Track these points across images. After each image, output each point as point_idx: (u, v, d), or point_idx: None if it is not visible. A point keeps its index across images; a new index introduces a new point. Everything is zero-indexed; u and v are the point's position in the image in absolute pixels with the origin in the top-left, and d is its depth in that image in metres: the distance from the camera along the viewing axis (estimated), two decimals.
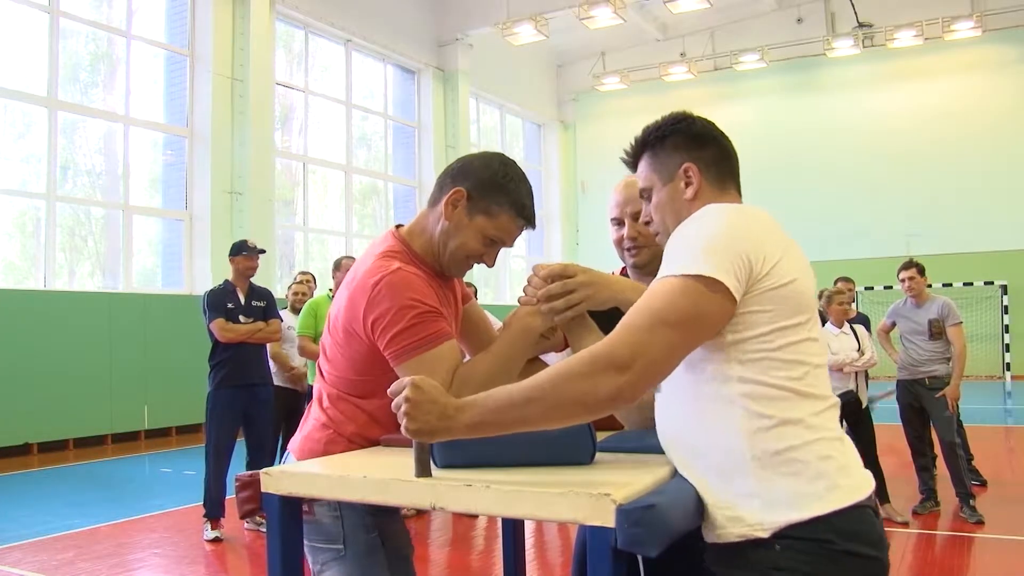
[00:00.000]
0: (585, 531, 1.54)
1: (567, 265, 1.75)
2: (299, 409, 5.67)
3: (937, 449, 5.60)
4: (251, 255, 5.47)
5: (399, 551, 1.83)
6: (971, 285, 16.16)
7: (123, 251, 10.83)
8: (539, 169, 20.06)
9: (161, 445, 9.74)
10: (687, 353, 1.37)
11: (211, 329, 5.31)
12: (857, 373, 5.51)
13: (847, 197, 17.15)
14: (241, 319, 5.37)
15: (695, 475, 1.41)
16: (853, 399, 5.36)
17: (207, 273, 10.99)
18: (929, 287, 5.84)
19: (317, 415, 1.87)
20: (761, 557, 1.34)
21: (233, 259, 5.50)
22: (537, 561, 4.75)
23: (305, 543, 1.77)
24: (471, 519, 5.60)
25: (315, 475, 1.55)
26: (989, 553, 4.80)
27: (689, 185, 1.55)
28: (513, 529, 2.15)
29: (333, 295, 5.65)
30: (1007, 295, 16.26)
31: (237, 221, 11.47)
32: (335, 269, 5.87)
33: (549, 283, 1.74)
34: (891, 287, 14.73)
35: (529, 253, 18.95)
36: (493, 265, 1.93)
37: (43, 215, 9.94)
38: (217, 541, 5.13)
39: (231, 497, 2.52)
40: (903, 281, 5.68)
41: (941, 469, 5.64)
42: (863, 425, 5.39)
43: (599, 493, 1.22)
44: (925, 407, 5.55)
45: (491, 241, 1.86)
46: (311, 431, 1.86)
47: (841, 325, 5.65)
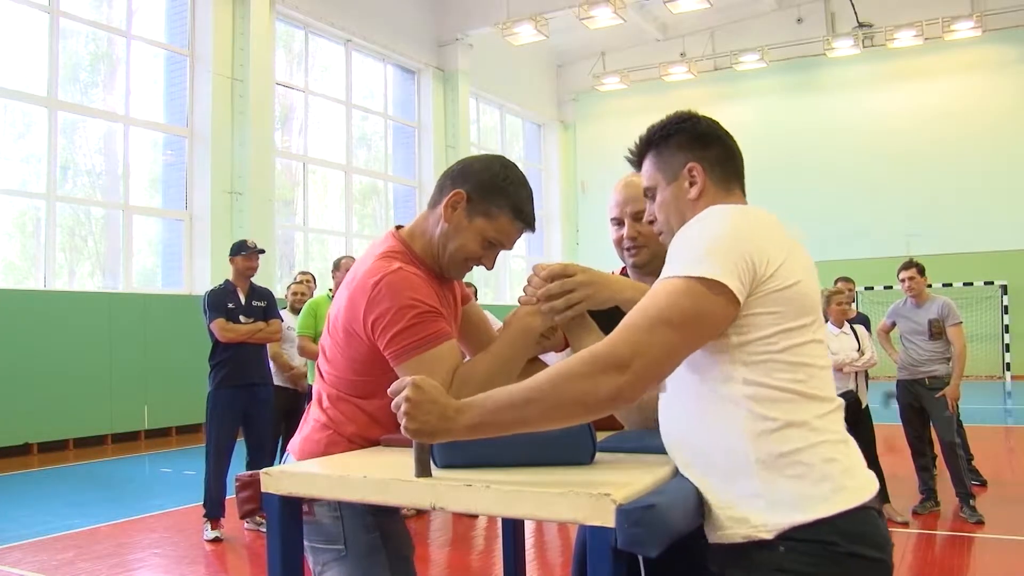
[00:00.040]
0: (585, 531, 1.54)
1: (567, 265, 1.75)
2: (299, 409, 5.67)
3: (937, 449, 5.60)
4: (251, 255, 5.47)
5: (400, 551, 1.83)
6: (971, 285, 16.16)
7: (123, 251, 10.83)
8: (539, 169, 20.06)
9: (161, 445, 9.74)
10: (688, 354, 1.37)
11: (211, 329, 5.31)
12: (857, 373, 5.51)
13: (847, 197, 17.15)
14: (241, 319, 5.37)
15: (698, 476, 1.41)
16: (853, 399, 5.36)
17: (207, 273, 10.99)
18: (929, 287, 5.84)
19: (317, 416, 1.87)
20: (765, 558, 1.33)
21: (233, 259, 5.50)
22: (537, 561, 4.75)
23: (305, 544, 1.76)
24: (471, 519, 5.60)
25: (315, 475, 1.55)
26: (989, 553, 4.81)
27: (693, 185, 1.55)
28: (513, 529, 2.15)
29: (333, 295, 5.65)
30: (1007, 295, 16.26)
31: (237, 221, 11.47)
32: (335, 269, 5.87)
33: (549, 283, 1.74)
34: (891, 287, 14.73)
35: (529, 253, 18.95)
36: (492, 267, 1.93)
37: (43, 215, 9.95)
38: (217, 541, 5.14)
39: (231, 497, 2.52)
40: (903, 281, 5.68)
41: (941, 469, 5.64)
42: (863, 425, 5.38)
43: (599, 493, 1.22)
44: (925, 407, 5.56)
45: (490, 243, 1.86)
46: (311, 432, 1.86)
47: (841, 325, 5.65)
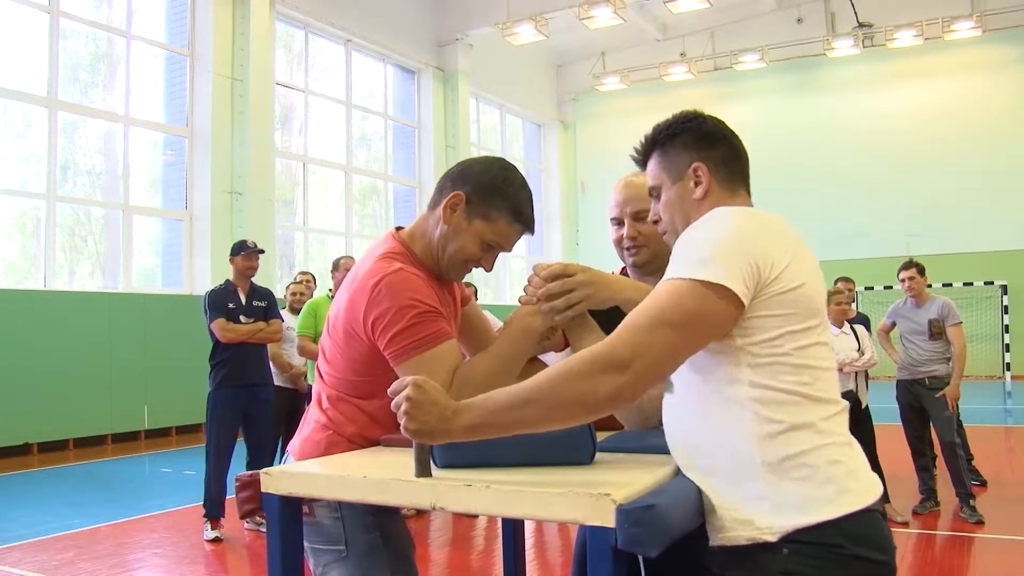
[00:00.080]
0: (585, 531, 1.54)
1: (567, 264, 1.75)
2: (299, 409, 5.67)
3: (937, 449, 5.60)
4: (250, 255, 5.47)
5: (401, 551, 1.83)
6: (971, 285, 16.16)
7: (123, 251, 10.83)
8: (539, 169, 20.07)
9: (161, 445, 9.74)
10: (688, 355, 1.36)
11: (212, 329, 5.31)
12: (857, 373, 5.52)
13: (847, 197, 17.15)
14: (242, 319, 5.37)
15: (702, 477, 1.40)
16: (853, 399, 5.36)
17: (207, 273, 10.99)
18: (929, 287, 5.84)
19: (317, 417, 1.86)
20: (769, 561, 1.33)
21: (233, 259, 5.50)
22: (537, 561, 4.75)
23: (306, 545, 1.76)
24: (471, 519, 5.60)
25: (315, 475, 1.55)
26: (989, 553, 4.81)
27: (698, 184, 1.54)
28: (513, 529, 2.15)
29: (333, 295, 5.65)
30: (1007, 295, 16.26)
31: (237, 221, 11.47)
32: (334, 269, 5.87)
33: (549, 283, 1.74)
34: (891, 287, 14.73)
35: (529, 253, 18.95)
36: (491, 270, 1.93)
37: (43, 215, 9.94)
38: (217, 541, 5.14)
39: (231, 497, 2.52)
40: (903, 281, 5.68)
41: (941, 469, 5.64)
42: (863, 425, 5.38)
43: (599, 493, 1.22)
44: (925, 407, 5.56)
45: (489, 246, 1.86)
46: (311, 433, 1.85)
47: (841, 325, 5.65)
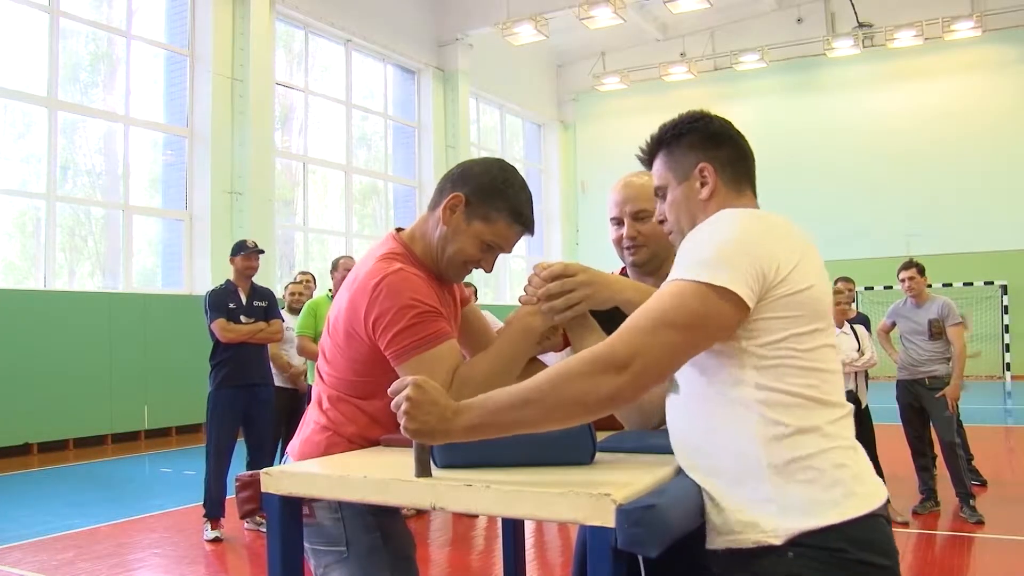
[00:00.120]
0: (585, 531, 1.54)
1: (568, 264, 1.75)
2: (300, 410, 5.67)
3: (937, 449, 5.60)
4: (250, 255, 5.47)
5: (402, 551, 1.83)
6: (971, 285, 16.16)
7: (123, 251, 10.83)
8: (539, 169, 20.07)
9: (161, 445, 9.74)
10: (690, 356, 1.36)
11: (212, 329, 5.31)
12: (857, 373, 5.52)
13: (847, 197, 17.15)
14: (242, 319, 5.37)
15: (706, 478, 1.39)
16: (853, 399, 5.36)
17: (207, 273, 10.99)
18: (929, 287, 5.84)
19: (316, 418, 1.86)
20: (774, 564, 1.32)
21: (233, 259, 5.51)
22: (537, 561, 4.74)
23: (306, 546, 1.76)
24: (471, 519, 5.59)
25: (315, 475, 1.55)
26: (989, 553, 4.81)
27: (704, 185, 1.54)
28: (513, 529, 2.15)
29: (333, 295, 5.65)
30: (1007, 295, 16.26)
31: (237, 221, 11.47)
32: (332, 269, 5.87)
33: (549, 283, 1.74)
34: (891, 287, 14.73)
35: (529, 253, 18.95)
36: (491, 271, 1.93)
37: (43, 215, 9.94)
38: (217, 541, 5.13)
39: (231, 497, 2.52)
40: (903, 281, 5.68)
41: (941, 469, 5.64)
42: (863, 425, 5.37)
43: (599, 493, 1.21)
44: (925, 407, 5.56)
45: (488, 247, 1.85)
46: (311, 434, 1.85)
47: (841, 325, 5.64)
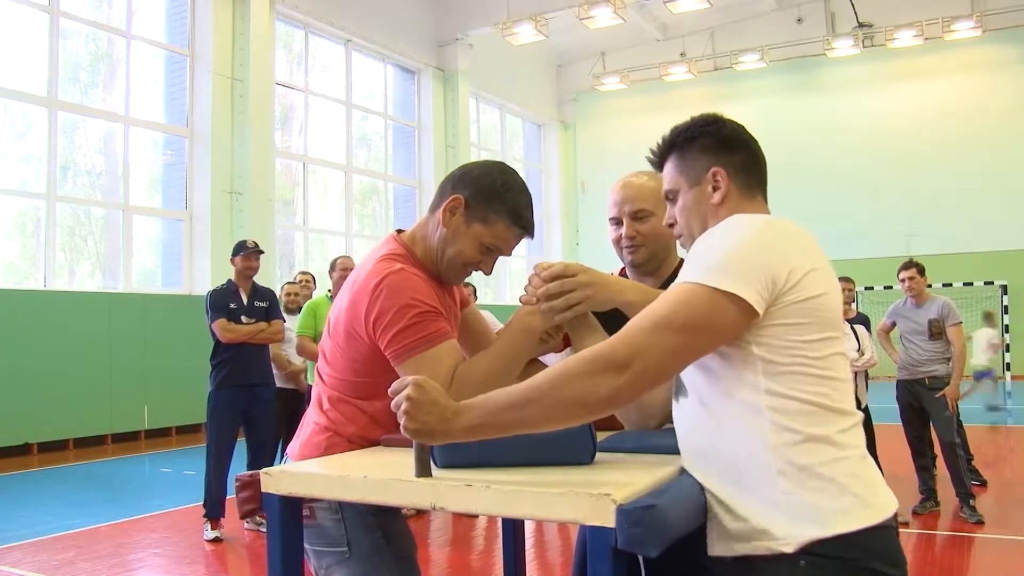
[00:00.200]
0: (585, 531, 1.54)
1: (568, 264, 1.75)
2: (300, 410, 5.66)
3: (937, 449, 5.60)
4: (250, 255, 5.47)
5: (403, 550, 1.83)
6: (971, 285, 16.16)
7: (123, 251, 10.83)
8: (539, 169, 20.07)
9: (161, 445, 9.74)
10: (691, 359, 1.35)
11: (213, 329, 5.31)
12: (857, 373, 5.51)
13: (847, 197, 17.15)
14: (243, 319, 5.37)
15: (716, 484, 1.38)
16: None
17: (207, 273, 10.99)
18: (929, 287, 5.84)
19: (316, 418, 1.86)
20: (785, 572, 1.31)
21: (233, 260, 5.51)
22: (537, 561, 4.75)
23: (307, 547, 1.76)
24: (471, 519, 5.59)
25: (315, 475, 1.55)
26: (989, 553, 4.80)
27: (717, 190, 1.51)
28: (513, 529, 2.15)
29: (332, 295, 5.65)
30: (1007, 295, 16.26)
31: (237, 221, 11.47)
32: (331, 269, 5.86)
33: (549, 283, 1.74)
34: (891, 287, 14.72)
35: (529, 253, 18.94)
36: (490, 273, 1.93)
37: (43, 215, 9.94)
38: (217, 541, 5.14)
39: (231, 497, 2.52)
40: (903, 281, 5.68)
41: (941, 469, 5.64)
42: (863, 425, 5.37)
43: (599, 493, 1.21)
44: (925, 407, 5.56)
45: (487, 249, 1.85)
46: (310, 435, 1.85)
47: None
